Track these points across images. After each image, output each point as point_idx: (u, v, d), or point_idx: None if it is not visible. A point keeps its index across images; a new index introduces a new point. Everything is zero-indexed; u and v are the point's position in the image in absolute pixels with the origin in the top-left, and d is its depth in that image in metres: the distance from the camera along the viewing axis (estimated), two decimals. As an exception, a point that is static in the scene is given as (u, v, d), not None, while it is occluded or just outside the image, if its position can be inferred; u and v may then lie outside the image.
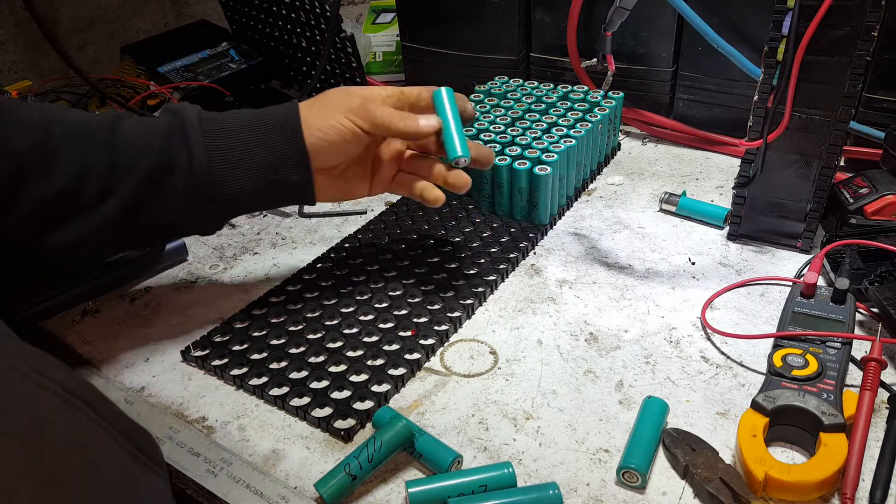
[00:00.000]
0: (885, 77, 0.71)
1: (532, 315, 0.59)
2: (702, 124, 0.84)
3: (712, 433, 0.48)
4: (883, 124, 0.70)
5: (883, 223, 0.61)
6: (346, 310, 0.59)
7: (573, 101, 0.78)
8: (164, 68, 0.98)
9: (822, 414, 0.44)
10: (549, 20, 0.88)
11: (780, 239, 0.65)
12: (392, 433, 0.45)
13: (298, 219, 0.75)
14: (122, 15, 1.10)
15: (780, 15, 0.55)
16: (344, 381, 0.52)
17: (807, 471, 0.42)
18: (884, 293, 0.54)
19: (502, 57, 0.91)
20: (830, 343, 0.50)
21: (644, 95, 0.86)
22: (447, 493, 0.43)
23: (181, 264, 0.69)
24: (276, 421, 0.51)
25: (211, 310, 0.62)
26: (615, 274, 0.64)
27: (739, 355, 0.54)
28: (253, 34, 1.02)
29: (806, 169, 0.61)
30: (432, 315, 0.58)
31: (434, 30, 0.94)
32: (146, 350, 0.58)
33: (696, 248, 0.66)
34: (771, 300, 0.59)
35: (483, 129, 0.73)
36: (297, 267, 0.66)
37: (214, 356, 0.56)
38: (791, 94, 0.57)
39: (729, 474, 0.43)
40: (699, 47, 0.80)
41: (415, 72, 1.00)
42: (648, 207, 0.73)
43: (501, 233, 0.68)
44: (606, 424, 0.49)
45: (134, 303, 0.64)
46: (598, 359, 0.55)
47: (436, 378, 0.54)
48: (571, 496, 0.44)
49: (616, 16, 0.73)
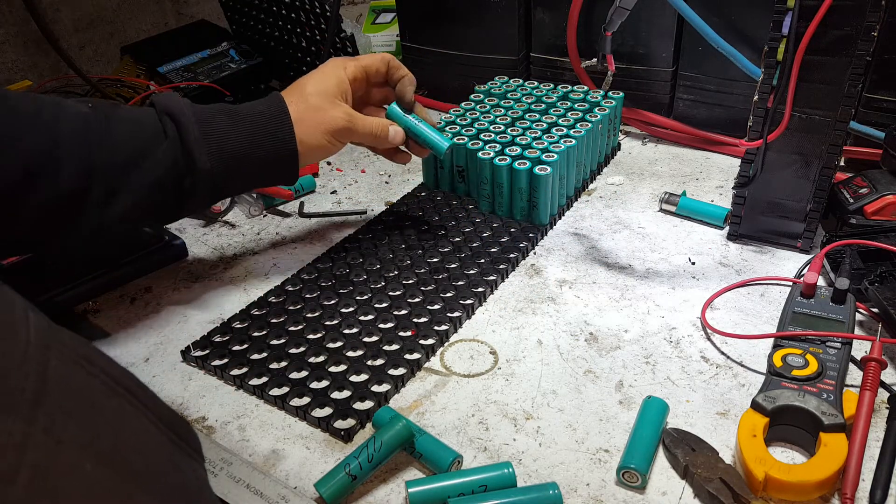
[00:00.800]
0: (885, 77, 0.71)
1: (532, 315, 0.59)
2: (702, 124, 0.84)
3: (712, 433, 0.48)
4: (883, 124, 0.70)
5: (883, 223, 0.61)
6: (346, 310, 0.59)
7: (573, 101, 0.78)
8: (164, 68, 0.98)
9: (822, 414, 0.44)
10: (549, 20, 0.88)
11: (780, 239, 0.65)
12: (392, 433, 0.45)
13: (298, 219, 0.75)
14: (122, 15, 1.10)
15: (780, 15, 0.55)
16: (344, 381, 0.52)
17: (807, 471, 0.42)
18: (884, 293, 0.54)
19: (502, 57, 0.91)
20: (830, 343, 0.50)
21: (644, 95, 0.86)
22: (447, 493, 0.43)
23: (181, 264, 0.69)
24: (276, 421, 0.51)
25: (211, 310, 0.62)
26: (615, 274, 0.64)
27: (739, 355, 0.54)
28: (253, 34, 1.02)
29: (806, 169, 0.61)
30: (432, 315, 0.58)
31: (434, 30, 0.94)
32: (146, 350, 0.58)
33: (696, 248, 0.66)
34: (771, 300, 0.59)
35: (483, 129, 0.73)
36: (297, 267, 0.66)
37: (214, 356, 0.56)
38: (791, 94, 0.57)
39: (729, 474, 0.43)
40: (699, 47, 0.80)
41: (415, 72, 0.99)
42: (648, 207, 0.73)
43: (501, 233, 0.68)
44: (606, 424, 0.49)
45: (134, 303, 0.64)
46: (598, 359, 0.55)
47: (436, 378, 0.54)
48: (571, 496, 0.44)
49: (616, 16, 0.73)
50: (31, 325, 0.25)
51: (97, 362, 0.29)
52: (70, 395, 0.26)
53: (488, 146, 0.70)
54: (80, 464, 0.25)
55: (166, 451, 0.31)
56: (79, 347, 0.28)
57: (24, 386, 0.23)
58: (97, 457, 0.26)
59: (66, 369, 0.26)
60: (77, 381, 0.27)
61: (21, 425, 0.23)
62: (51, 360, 0.25)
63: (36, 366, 0.24)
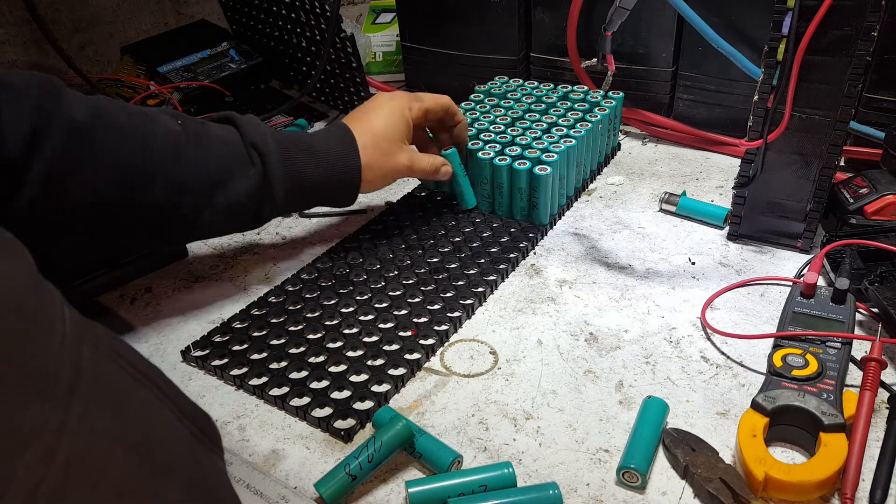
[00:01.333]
0: (885, 77, 0.71)
1: (532, 315, 0.59)
2: (702, 124, 0.84)
3: (712, 433, 0.48)
4: (883, 124, 0.70)
5: (883, 223, 0.61)
6: (346, 310, 0.59)
7: (573, 101, 0.78)
8: (164, 68, 0.98)
9: (822, 414, 0.44)
10: (549, 20, 0.88)
11: (780, 239, 0.65)
12: (392, 433, 0.45)
13: (298, 219, 0.75)
14: (122, 15, 1.10)
15: (780, 15, 0.55)
16: (344, 381, 0.52)
17: (807, 471, 0.42)
18: (884, 293, 0.54)
19: (502, 57, 0.91)
20: (830, 343, 0.50)
21: (644, 95, 0.86)
22: (447, 493, 0.43)
23: (181, 264, 0.69)
24: (276, 421, 0.51)
25: (211, 310, 0.62)
26: (615, 274, 0.64)
27: (739, 355, 0.54)
28: (253, 34, 1.02)
29: (806, 169, 0.61)
30: (432, 315, 0.58)
31: (434, 30, 0.94)
32: (146, 350, 0.58)
33: (696, 248, 0.66)
34: (771, 300, 0.59)
35: (483, 129, 0.73)
36: (297, 267, 0.66)
37: (214, 356, 0.56)
38: (791, 94, 0.57)
39: (729, 474, 0.43)
40: (699, 47, 0.80)
41: (415, 72, 1.00)
42: (648, 207, 0.73)
43: (501, 233, 0.68)
44: (606, 424, 0.49)
45: (134, 303, 0.64)
46: (598, 359, 0.55)
47: (436, 378, 0.54)
48: (571, 496, 0.44)
49: (616, 16, 0.73)
50: (67, 318, 0.26)
51: (126, 355, 0.30)
52: (102, 387, 0.27)
53: (488, 146, 0.70)
54: (112, 452, 0.26)
55: (189, 445, 0.32)
56: (110, 341, 0.29)
57: (60, 376, 0.25)
58: (127, 448, 0.27)
59: (97, 361, 0.27)
60: (108, 373, 0.28)
61: (58, 412, 0.24)
62: (84, 352, 0.27)
63: (71, 357, 0.26)
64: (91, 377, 0.26)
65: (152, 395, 0.30)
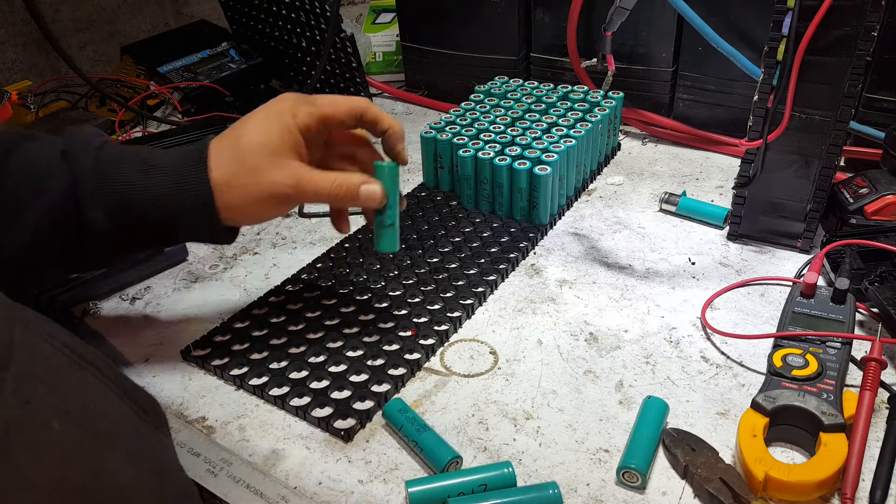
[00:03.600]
0: (885, 77, 0.71)
1: (532, 315, 0.59)
2: (702, 124, 0.84)
3: (712, 433, 0.48)
4: (883, 124, 0.70)
5: (883, 223, 0.61)
6: (346, 310, 0.59)
7: (573, 101, 0.78)
8: (164, 68, 0.99)
9: (822, 414, 0.44)
10: (549, 20, 0.88)
11: (780, 239, 0.65)
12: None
13: (298, 219, 0.75)
14: (122, 15, 1.10)
15: (780, 15, 0.55)
16: (344, 381, 0.52)
17: (807, 471, 0.42)
18: (884, 293, 0.54)
19: (502, 57, 0.91)
20: (830, 343, 0.50)
21: (644, 95, 0.86)
22: (447, 493, 0.43)
23: (181, 264, 0.69)
24: (276, 421, 0.51)
25: (211, 310, 0.62)
26: (615, 274, 0.64)
27: (739, 355, 0.54)
28: (253, 34, 1.02)
29: (806, 169, 0.61)
30: (432, 315, 0.58)
31: (434, 30, 0.94)
32: (146, 350, 0.58)
33: (696, 248, 0.66)
34: (771, 300, 0.59)
35: (483, 129, 0.73)
36: (297, 267, 0.66)
37: (214, 356, 0.56)
38: (791, 94, 0.57)
39: (729, 474, 0.43)
40: (699, 47, 0.80)
41: (415, 72, 1.00)
42: (648, 207, 0.73)
43: (501, 233, 0.68)
44: (606, 424, 0.49)
45: (134, 303, 0.64)
46: (598, 359, 0.55)
47: (436, 378, 0.54)
48: (571, 496, 0.44)
49: (616, 16, 0.73)
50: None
51: (61, 338, 0.31)
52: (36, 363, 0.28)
53: (488, 146, 0.70)
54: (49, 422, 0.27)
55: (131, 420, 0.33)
56: (42, 324, 0.30)
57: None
58: (66, 416, 0.28)
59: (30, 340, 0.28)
60: (42, 352, 0.29)
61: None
62: (14, 330, 0.28)
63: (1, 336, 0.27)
64: (24, 354, 0.27)
65: (91, 376, 0.31)
